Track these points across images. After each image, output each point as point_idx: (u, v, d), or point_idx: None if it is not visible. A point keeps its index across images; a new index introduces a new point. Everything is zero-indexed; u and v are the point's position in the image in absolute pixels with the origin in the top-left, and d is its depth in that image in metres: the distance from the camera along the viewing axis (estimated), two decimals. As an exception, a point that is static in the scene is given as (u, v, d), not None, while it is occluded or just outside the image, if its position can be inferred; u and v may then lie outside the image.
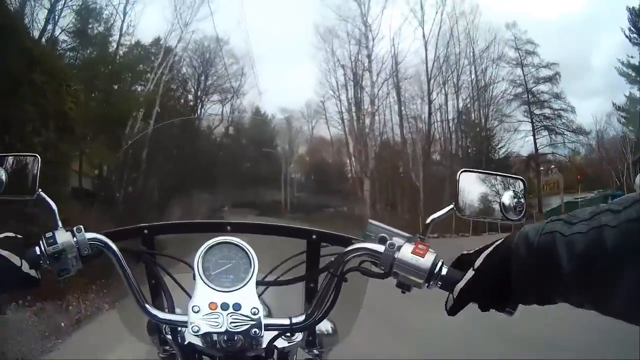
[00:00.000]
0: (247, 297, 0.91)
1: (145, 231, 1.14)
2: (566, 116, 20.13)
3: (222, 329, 0.87)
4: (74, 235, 0.91)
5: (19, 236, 0.93)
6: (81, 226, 0.93)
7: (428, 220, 0.90)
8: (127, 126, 15.85)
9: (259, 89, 19.51)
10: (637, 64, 20.53)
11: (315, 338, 1.22)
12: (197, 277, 0.92)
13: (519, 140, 20.45)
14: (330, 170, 21.17)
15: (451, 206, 0.91)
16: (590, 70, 27.64)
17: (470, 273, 0.78)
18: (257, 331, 0.88)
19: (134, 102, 16.87)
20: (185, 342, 0.93)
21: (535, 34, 20.20)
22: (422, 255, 0.84)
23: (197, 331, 0.86)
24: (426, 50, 20.33)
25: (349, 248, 0.92)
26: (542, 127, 20.03)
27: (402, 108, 20.41)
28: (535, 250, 0.70)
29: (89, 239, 0.93)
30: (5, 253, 0.87)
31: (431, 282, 0.84)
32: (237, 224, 1.19)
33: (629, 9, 20.64)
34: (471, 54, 20.21)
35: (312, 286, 1.11)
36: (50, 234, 0.90)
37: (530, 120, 20.05)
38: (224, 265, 0.95)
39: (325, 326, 1.25)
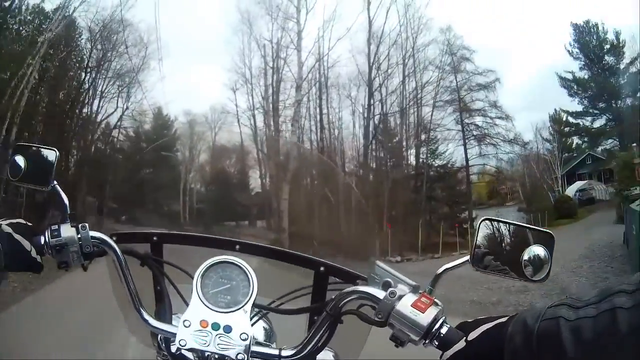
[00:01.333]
0: (240, 320, 0.94)
1: (155, 238, 1.22)
2: (503, 125, 19.43)
3: (209, 348, 0.92)
4: (78, 232, 1.03)
5: (29, 224, 1.05)
6: (86, 224, 1.03)
7: (440, 270, 0.90)
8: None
9: (161, 72, 16.47)
10: (575, 77, 22.74)
11: None
12: (194, 292, 0.96)
13: (456, 149, 19.27)
14: (234, 178, 18.81)
15: (466, 258, 0.90)
16: (532, 81, 27.87)
17: (461, 344, 0.79)
18: (243, 357, 0.92)
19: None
20: (176, 352, 1.02)
21: (473, 40, 19.46)
22: (423, 310, 0.84)
23: (184, 345, 0.92)
24: (369, 43, 18.26)
25: (348, 290, 0.96)
26: (472, 137, 19.09)
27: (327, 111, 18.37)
28: (535, 338, 0.69)
29: (93, 238, 1.04)
30: (18, 237, 1.00)
31: (427, 341, 0.84)
32: (247, 244, 1.23)
33: (573, 24, 22.31)
34: (402, 56, 18.76)
35: (316, 319, 1.05)
36: (56, 226, 1.03)
37: (461, 129, 19.04)
38: (224, 284, 0.98)
39: (326, 357, 1.16)
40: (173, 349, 1.05)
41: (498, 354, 0.73)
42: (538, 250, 0.88)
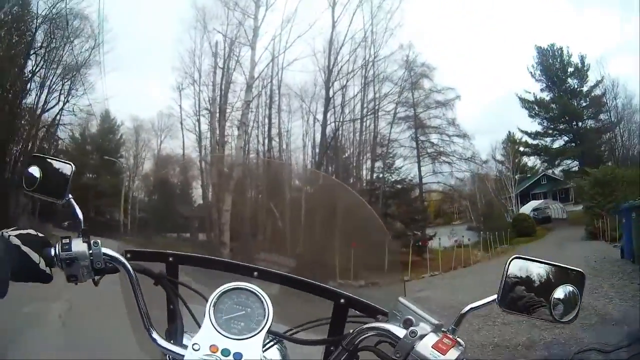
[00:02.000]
0: (251, 349, 0.93)
1: (170, 258, 1.23)
2: (461, 144, 19.30)
3: None
4: (90, 248, 1.04)
5: (40, 235, 1.06)
6: (99, 240, 1.04)
7: (465, 310, 0.89)
8: None
9: (103, 68, 15.65)
10: (536, 98, 23.31)
11: None
12: (206, 316, 0.96)
13: (412, 165, 19.02)
14: (177, 188, 17.98)
15: (494, 297, 0.89)
16: (493, 101, 28.30)
17: None
18: None
19: None
20: None
21: (434, 57, 19.40)
22: (444, 352, 0.82)
23: None
24: (330, 46, 17.77)
25: (367, 325, 0.94)
26: (427, 155, 18.90)
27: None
28: None
29: (105, 255, 1.05)
30: (26, 249, 1.00)
31: None
32: (266, 271, 1.24)
33: (537, 47, 23.64)
34: (363, 64, 18.39)
35: (332, 350, 1.04)
36: (67, 239, 1.03)
37: (416, 147, 18.83)
38: (238, 311, 0.98)
39: None
40: None
41: None
42: (568, 289, 0.87)
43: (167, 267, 1.23)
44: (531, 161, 20.73)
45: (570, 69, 25.95)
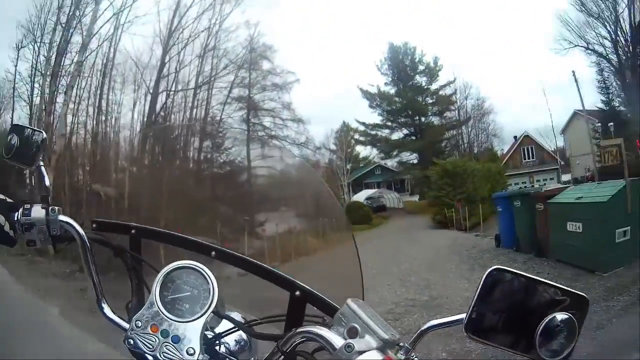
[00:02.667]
0: (190, 333, 0.91)
1: (133, 231, 1.21)
2: (295, 128, 19.08)
3: (152, 353, 0.90)
4: (47, 214, 1.06)
5: (9, 200, 1.09)
6: (57, 207, 1.06)
7: (424, 327, 0.76)
8: None
9: None
10: (380, 91, 23.93)
11: None
12: (152, 293, 0.94)
13: (240, 149, 18.47)
14: None
15: (460, 316, 0.73)
16: (335, 89, 29.14)
17: None
18: None
19: None
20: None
21: (277, 40, 19.05)
22: None
23: (131, 344, 0.91)
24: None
25: (304, 328, 0.85)
26: (257, 138, 18.48)
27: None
28: None
29: (61, 221, 1.06)
30: None
31: None
32: (224, 252, 1.19)
33: (390, 43, 24.81)
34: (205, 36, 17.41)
35: (270, 353, 0.95)
36: (29, 205, 1.07)
37: (247, 129, 18.41)
38: (185, 291, 0.95)
39: None
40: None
41: None
42: (562, 318, 0.68)
43: (130, 240, 1.21)
44: (366, 151, 21.36)
45: (421, 67, 27.26)
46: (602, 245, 8.37)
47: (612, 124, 20.16)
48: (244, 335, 1.12)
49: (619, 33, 19.33)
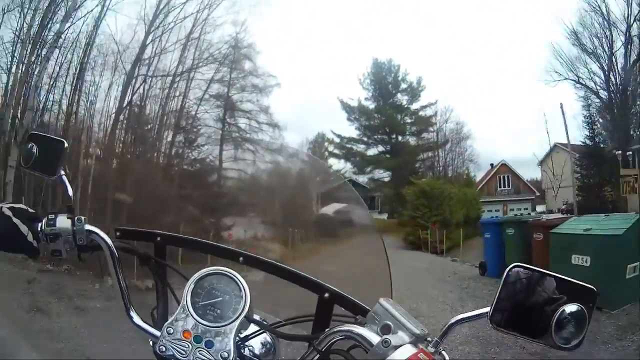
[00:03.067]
0: (224, 338, 0.93)
1: (158, 238, 1.22)
2: (270, 133, 18.90)
3: (185, 359, 0.91)
4: (73, 224, 1.06)
5: (31, 210, 1.10)
6: (82, 217, 1.06)
7: (452, 321, 0.82)
8: None
9: None
10: (360, 104, 24.38)
11: None
12: (183, 300, 0.96)
13: (212, 148, 18.10)
14: None
15: (486, 309, 0.81)
16: (315, 98, 29.31)
17: None
18: None
19: None
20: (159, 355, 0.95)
21: (262, 42, 18.92)
22: None
23: (163, 352, 0.92)
24: None
25: (340, 328, 0.88)
26: (231, 139, 18.27)
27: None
28: None
29: (87, 231, 1.07)
30: (16, 221, 1.06)
31: None
32: (252, 257, 1.22)
33: (374, 59, 25.02)
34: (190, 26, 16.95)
35: (305, 353, 0.98)
36: (53, 216, 1.07)
37: (221, 128, 18.09)
38: (216, 297, 0.97)
39: None
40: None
41: None
42: (573, 309, 0.77)
43: (155, 247, 1.21)
44: (339, 164, 21.38)
45: (404, 86, 27.51)
46: (612, 280, 7.75)
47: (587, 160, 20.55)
48: (268, 338, 1.14)
49: (611, 71, 19.58)
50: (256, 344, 1.09)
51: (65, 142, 1.18)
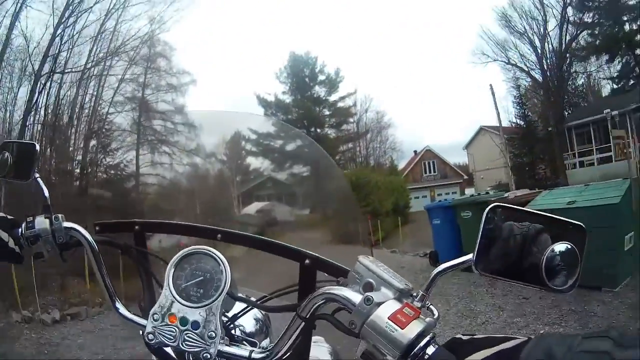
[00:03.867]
0: (209, 317, 0.92)
1: (137, 227, 1.22)
2: (186, 134, 18.34)
3: (174, 344, 0.91)
4: (51, 223, 1.06)
5: (10, 217, 1.09)
6: (60, 215, 1.06)
7: (435, 272, 0.79)
8: None
9: None
10: (277, 99, 24.76)
11: None
12: (165, 284, 0.95)
13: (127, 153, 17.31)
14: None
15: (469, 256, 0.77)
16: (233, 95, 29.22)
17: None
18: (208, 356, 0.90)
19: None
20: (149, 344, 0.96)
21: (177, 40, 18.52)
22: (403, 325, 0.71)
23: (151, 340, 0.92)
24: None
25: (321, 290, 0.85)
26: (147, 142, 17.71)
27: None
28: None
29: (66, 228, 1.06)
30: None
31: None
32: (229, 233, 1.22)
33: (291, 52, 25.68)
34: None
35: (290, 322, 0.95)
36: (31, 218, 1.06)
37: (137, 131, 17.42)
38: (197, 277, 0.96)
39: (322, 354, 1.22)
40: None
41: None
42: (563, 248, 0.72)
43: (135, 236, 1.23)
44: (257, 162, 21.21)
45: (322, 77, 27.77)
46: (612, 256, 6.89)
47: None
48: (259, 314, 1.17)
49: (544, 51, 20.45)
50: (247, 323, 1.13)
51: (36, 144, 1.18)
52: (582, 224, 0.75)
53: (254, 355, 0.93)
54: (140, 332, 1.04)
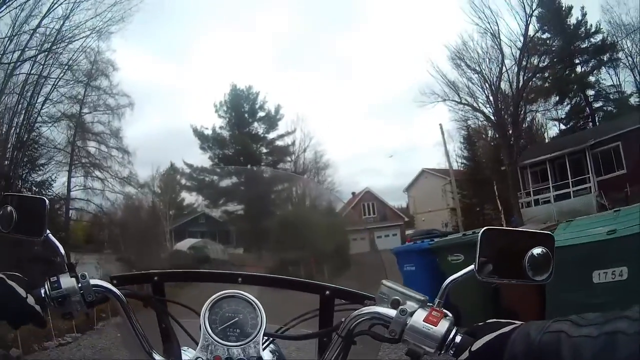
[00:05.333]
0: (252, 352, 1.02)
1: (155, 278, 1.28)
2: (120, 159, 18.61)
3: None
4: (78, 282, 1.05)
5: (25, 278, 1.05)
6: (85, 273, 1.06)
7: (446, 283, 0.96)
8: None
9: None
10: (214, 132, 24.49)
11: None
12: (203, 329, 1.03)
13: (61, 173, 17.21)
14: None
15: (471, 267, 0.95)
16: (169, 125, 28.93)
17: (465, 354, 0.87)
18: None
19: None
20: None
21: (120, 60, 18.63)
22: (435, 323, 0.91)
23: None
24: None
25: (358, 312, 1.00)
26: (80, 165, 17.47)
27: None
28: (536, 348, 0.75)
29: (94, 285, 1.06)
30: (12, 283, 1.00)
31: (442, 352, 0.90)
32: (248, 275, 1.30)
33: (232, 85, 25.65)
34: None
35: (326, 341, 1.15)
36: (55, 278, 1.04)
37: (70, 152, 17.14)
38: (232, 319, 1.05)
39: None
40: None
41: None
42: (539, 251, 0.94)
43: (153, 287, 1.26)
44: (192, 197, 20.94)
45: (261, 114, 27.98)
46: None
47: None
48: (273, 346, 1.24)
49: (498, 90, 21.23)
50: (266, 354, 1.16)
51: (46, 199, 1.15)
52: (550, 232, 0.98)
53: None
54: None
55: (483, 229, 0.97)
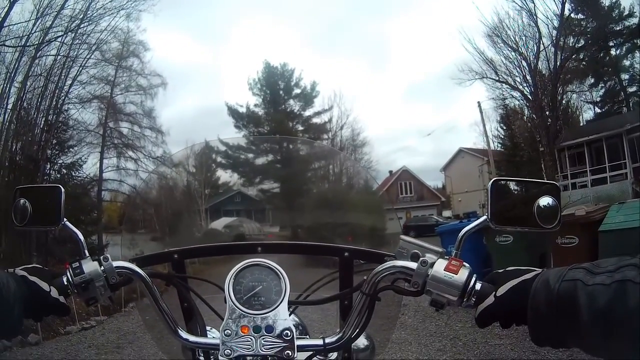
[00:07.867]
0: (279, 319, 1.04)
1: (175, 256, 1.28)
2: (153, 139, 18.66)
3: (255, 352, 1.01)
4: (100, 265, 1.07)
5: (46, 269, 1.07)
6: (108, 255, 1.08)
7: (461, 233, 1.02)
8: None
9: None
10: (248, 110, 24.49)
11: (350, 356, 1.25)
12: (228, 300, 1.06)
13: (92, 155, 17.26)
14: None
15: (484, 217, 1.01)
16: (205, 104, 29.02)
17: (491, 299, 0.93)
18: (290, 353, 1.01)
19: None
20: None
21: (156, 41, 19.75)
22: (456, 272, 0.97)
23: (230, 355, 1.00)
24: None
25: (380, 267, 1.04)
26: (112, 145, 17.63)
27: None
28: (555, 296, 0.81)
29: (117, 267, 1.08)
30: (34, 279, 1.01)
31: (465, 300, 0.97)
32: (268, 244, 1.31)
33: (266, 62, 25.41)
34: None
35: (347, 303, 1.19)
36: (77, 263, 1.06)
37: (102, 134, 17.34)
38: (255, 287, 1.08)
39: (361, 342, 1.35)
40: None
41: (523, 309, 0.86)
42: (547, 200, 0.99)
43: (174, 265, 1.27)
44: (227, 175, 21.21)
45: (297, 91, 28.05)
46: None
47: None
48: (293, 314, 1.26)
49: (536, 69, 20.71)
50: (290, 321, 1.18)
51: (61, 187, 1.16)
52: (555, 182, 1.04)
53: (327, 340, 1.08)
54: (196, 356, 1.21)
55: (492, 180, 1.02)
